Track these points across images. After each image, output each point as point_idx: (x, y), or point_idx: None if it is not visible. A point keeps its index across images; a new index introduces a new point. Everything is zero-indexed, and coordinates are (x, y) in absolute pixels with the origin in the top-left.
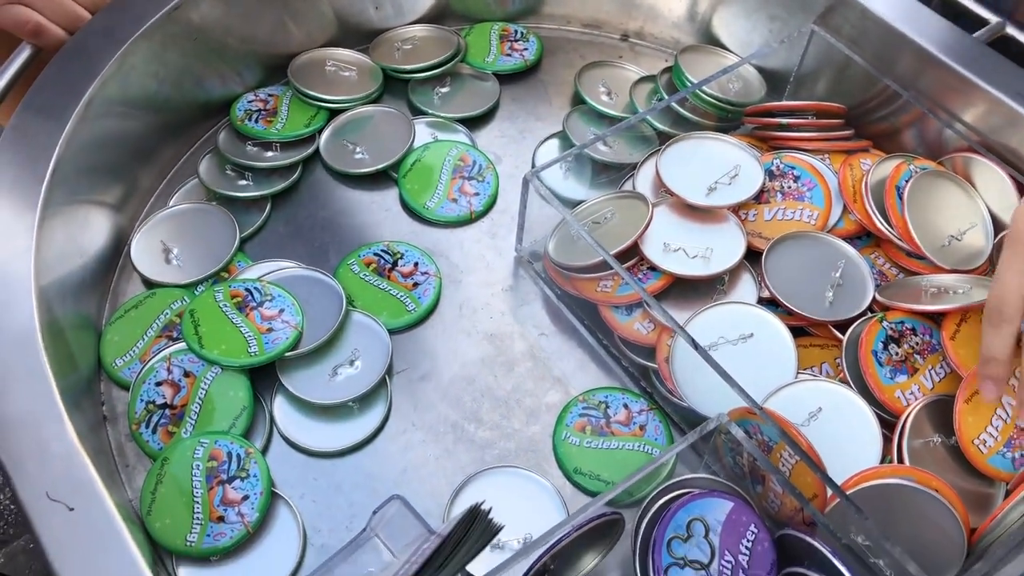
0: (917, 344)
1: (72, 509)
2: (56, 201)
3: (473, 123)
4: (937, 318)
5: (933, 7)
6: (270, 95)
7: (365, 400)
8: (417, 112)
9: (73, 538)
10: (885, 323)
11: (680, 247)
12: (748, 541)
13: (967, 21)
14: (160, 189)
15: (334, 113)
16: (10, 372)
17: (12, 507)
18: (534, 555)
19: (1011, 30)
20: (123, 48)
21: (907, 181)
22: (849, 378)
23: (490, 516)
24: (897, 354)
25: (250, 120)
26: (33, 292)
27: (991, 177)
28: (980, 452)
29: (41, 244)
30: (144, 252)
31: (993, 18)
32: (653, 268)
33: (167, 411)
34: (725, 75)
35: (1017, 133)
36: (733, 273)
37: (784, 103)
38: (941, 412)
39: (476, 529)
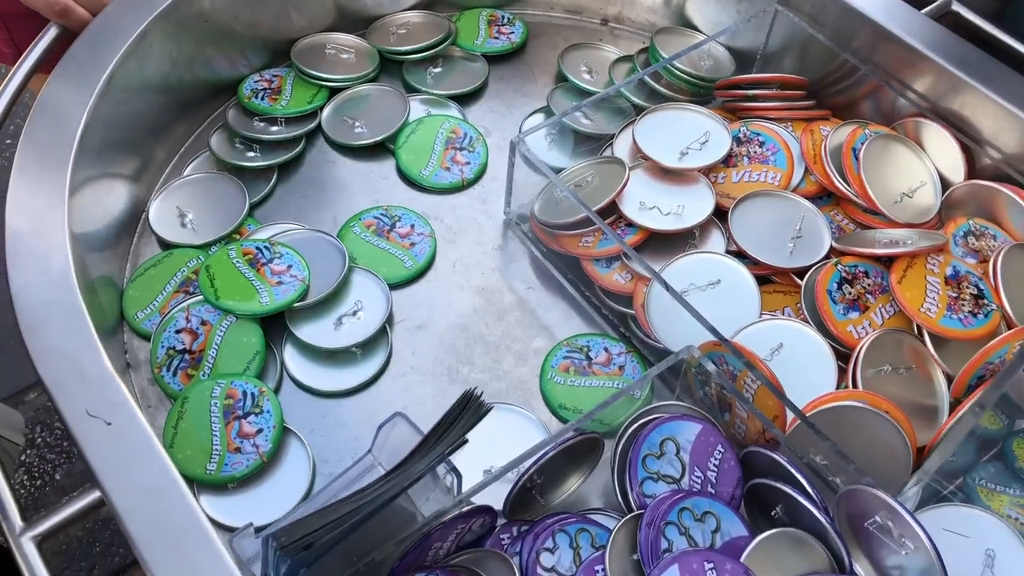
0: (869, 285)
1: (110, 424)
2: (83, 164)
3: (464, 100)
4: (887, 262)
5: None
6: (275, 75)
7: (367, 346)
8: (412, 90)
9: (112, 448)
10: (840, 266)
11: (655, 205)
12: (716, 459)
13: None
14: (175, 161)
15: (334, 91)
16: (51, 309)
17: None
18: (521, 468)
19: (956, 6)
20: (140, 28)
21: (862, 144)
22: (808, 317)
23: (481, 398)
24: (850, 293)
25: (257, 98)
26: (68, 240)
27: (939, 140)
28: (929, 317)
29: (72, 201)
30: (161, 217)
31: None
32: (630, 224)
33: (186, 356)
34: (696, 52)
35: (961, 99)
36: (703, 228)
37: (750, 76)
38: (890, 344)
39: (469, 409)
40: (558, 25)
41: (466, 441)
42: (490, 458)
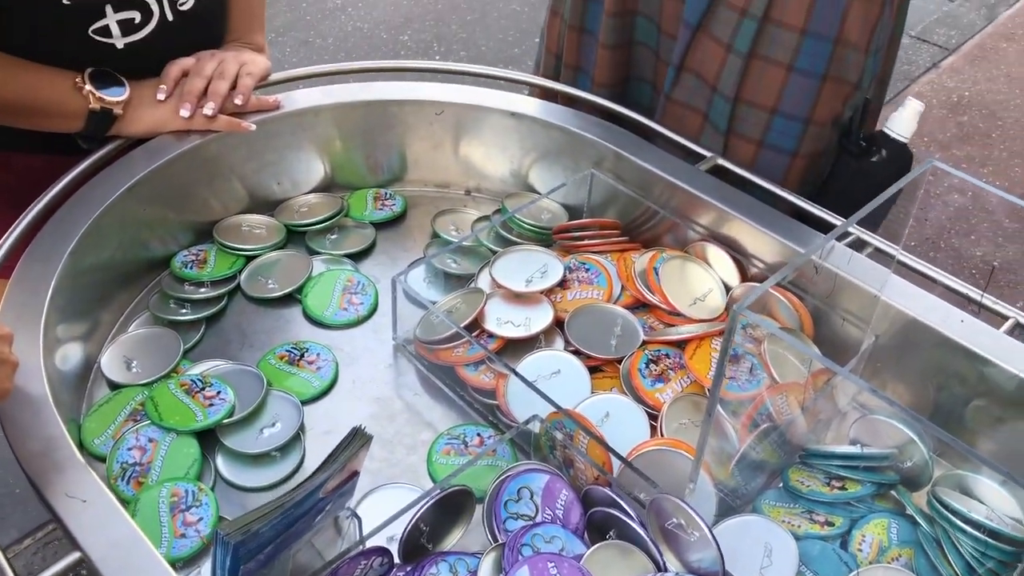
0: (670, 363)
1: (85, 501)
2: (49, 330)
3: (357, 257)
4: (683, 346)
5: (661, 144)
6: (201, 250)
7: (284, 450)
8: (314, 253)
9: (87, 516)
10: (647, 350)
11: (509, 320)
12: (562, 500)
13: (692, 157)
14: (120, 320)
15: (250, 258)
16: (33, 425)
17: None
18: (406, 517)
19: (721, 161)
20: (91, 220)
21: (662, 264)
22: (626, 390)
23: (365, 431)
24: (656, 370)
25: (187, 268)
26: (46, 386)
27: (719, 257)
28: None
29: (44, 359)
30: (111, 364)
31: (708, 154)
32: (491, 335)
33: (136, 467)
34: (536, 207)
35: (729, 226)
36: (547, 334)
37: (577, 222)
38: (688, 405)
39: (357, 440)
40: (431, 197)
41: (370, 437)
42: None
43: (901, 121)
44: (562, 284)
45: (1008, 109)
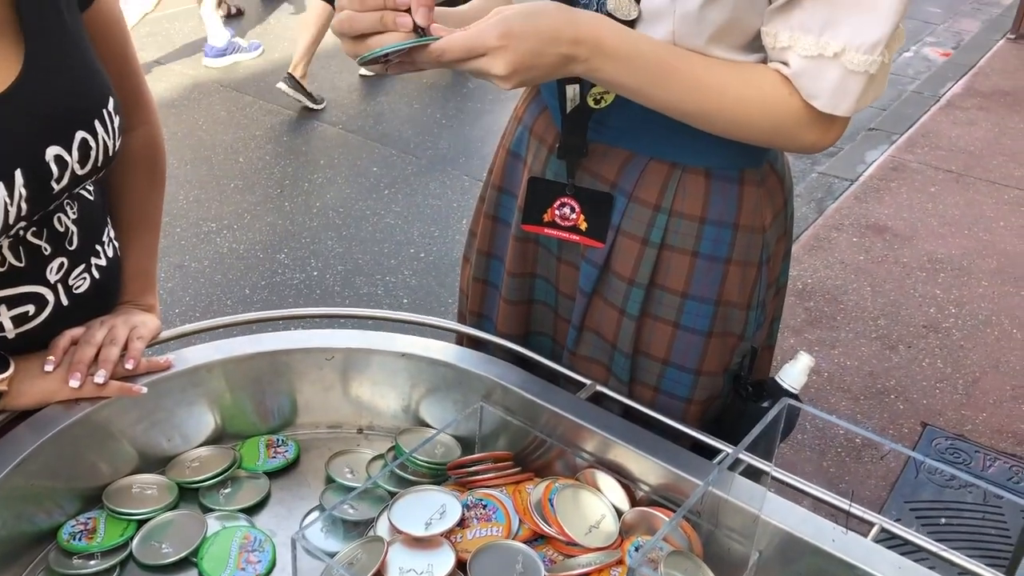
0: None
1: None
2: None
3: (252, 510)
4: None
5: (541, 372)
6: (89, 518)
7: None
8: (207, 510)
9: None
10: None
11: (411, 568)
12: None
13: (572, 385)
14: None
15: (142, 522)
16: None
17: None
18: None
19: (600, 388)
20: None
21: (556, 494)
22: None
23: None
24: None
25: (75, 540)
26: None
27: (608, 483)
28: None
29: None
30: None
31: (587, 381)
32: None
33: None
34: (430, 444)
35: (614, 453)
36: None
37: (470, 457)
38: None
39: None
40: (323, 439)
41: None
42: None
43: (792, 374)
44: (461, 523)
45: (847, 293)
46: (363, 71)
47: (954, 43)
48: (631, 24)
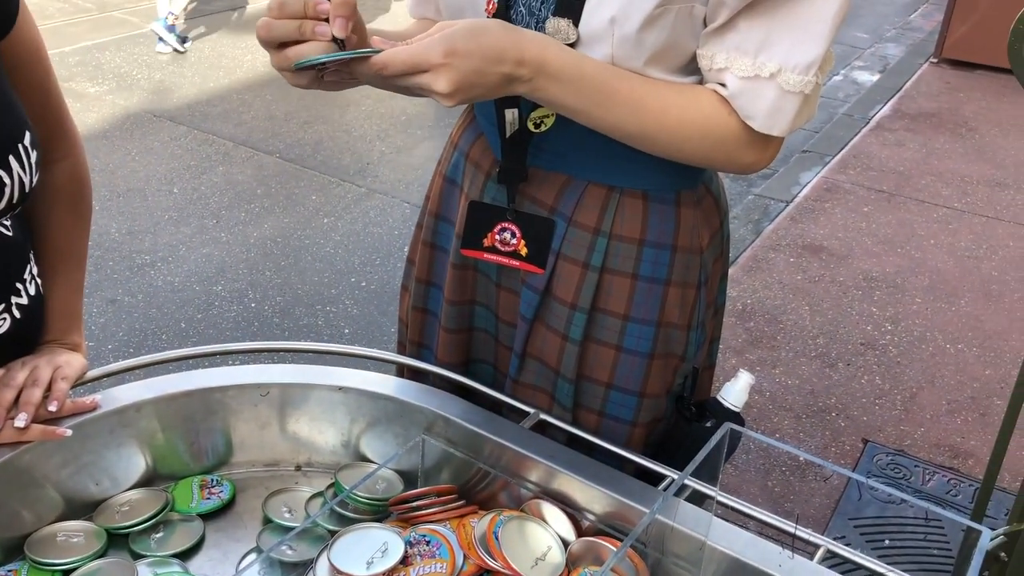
0: None
1: None
2: None
3: (185, 555)
4: None
5: (484, 401)
6: (10, 570)
7: None
8: (138, 557)
9: None
10: None
11: None
12: None
13: (516, 414)
14: None
15: (68, 572)
16: None
17: None
18: None
19: (544, 416)
20: None
21: (500, 527)
22: None
23: None
24: None
25: None
26: None
27: (554, 513)
28: None
29: None
30: None
31: (530, 410)
32: None
33: None
34: (371, 479)
35: (559, 482)
36: None
37: (412, 492)
38: None
39: None
40: (260, 477)
41: None
42: None
43: (734, 392)
44: (404, 561)
45: (786, 313)
46: (297, 87)
47: (881, 67)
48: (571, 47)
